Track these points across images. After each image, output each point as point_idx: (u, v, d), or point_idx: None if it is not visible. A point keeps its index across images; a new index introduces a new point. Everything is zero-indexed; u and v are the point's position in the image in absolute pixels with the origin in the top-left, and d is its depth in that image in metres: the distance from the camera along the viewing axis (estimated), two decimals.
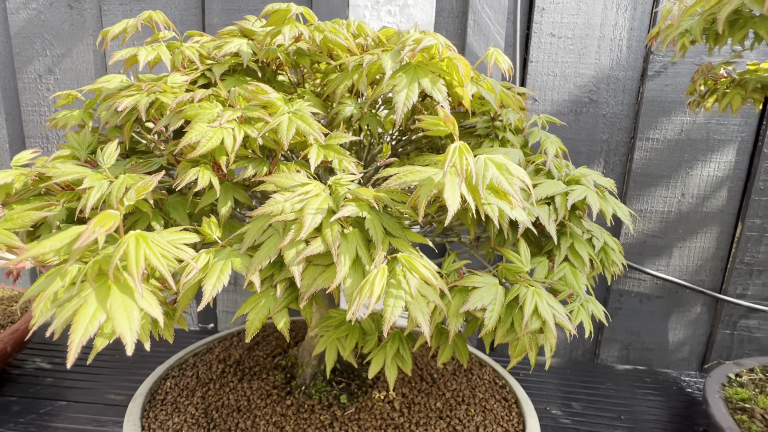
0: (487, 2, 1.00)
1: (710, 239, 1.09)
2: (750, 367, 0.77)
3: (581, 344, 1.19)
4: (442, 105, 0.40)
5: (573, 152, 1.08)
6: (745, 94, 0.58)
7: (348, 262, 0.32)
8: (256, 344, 0.73)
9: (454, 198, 0.31)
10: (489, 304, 0.37)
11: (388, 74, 0.42)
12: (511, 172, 0.34)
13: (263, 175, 0.43)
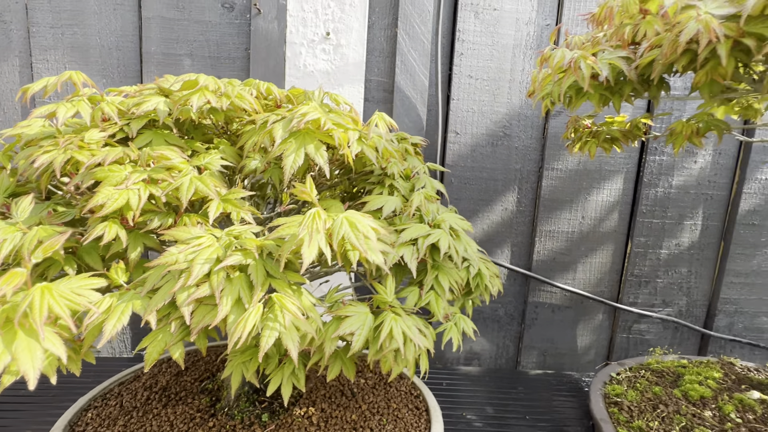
0: (412, 46, 1.12)
1: (607, 255, 1.26)
2: (629, 366, 0.90)
3: (504, 353, 1.31)
4: (323, 167, 0.47)
5: (491, 180, 1.21)
6: (598, 143, 0.72)
7: (230, 302, 0.39)
8: (185, 369, 0.75)
9: (310, 252, 0.39)
10: (357, 330, 0.44)
11: (277, 142, 0.48)
12: (359, 228, 0.41)
13: (168, 226, 0.48)
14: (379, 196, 0.51)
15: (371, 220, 0.42)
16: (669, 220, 1.24)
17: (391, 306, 0.46)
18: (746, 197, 1.22)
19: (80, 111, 0.54)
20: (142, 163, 0.48)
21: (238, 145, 0.54)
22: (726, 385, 0.79)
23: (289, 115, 0.48)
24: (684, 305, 1.29)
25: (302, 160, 0.46)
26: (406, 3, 1.10)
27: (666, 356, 0.96)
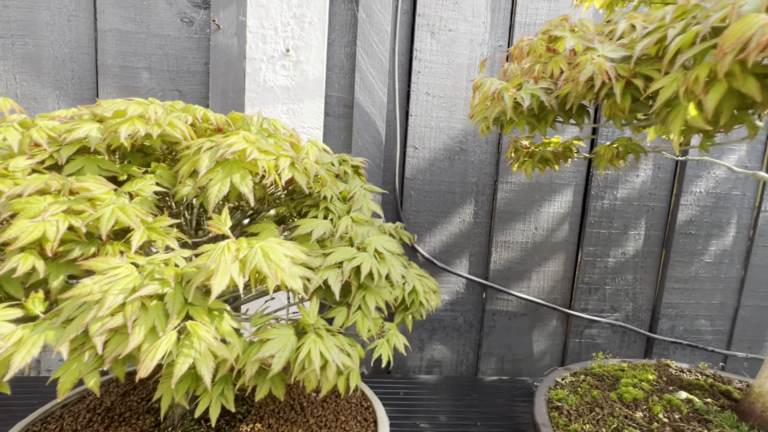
0: (371, 63, 1.15)
1: (559, 264, 1.32)
2: (574, 371, 0.95)
3: (465, 360, 1.34)
4: (247, 196, 0.48)
5: (449, 192, 1.25)
6: (533, 163, 0.77)
7: (143, 331, 0.40)
8: (133, 389, 0.74)
9: (219, 283, 0.41)
10: (278, 352, 0.46)
11: (202, 172, 0.49)
12: (271, 258, 0.43)
13: (90, 255, 0.48)
14: (311, 220, 0.53)
15: (288, 248, 0.44)
16: (615, 230, 1.31)
17: (314, 327, 0.48)
18: (683, 208, 1.31)
19: (7, 137, 0.53)
20: (65, 193, 0.48)
21: (174, 170, 0.55)
22: (658, 387, 0.85)
23: (216, 144, 0.49)
24: (631, 310, 1.37)
25: (227, 189, 0.48)
26: (364, 22, 1.13)
27: (609, 360, 1.02)
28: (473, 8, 1.18)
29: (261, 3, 1.08)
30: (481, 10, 1.19)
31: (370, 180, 1.19)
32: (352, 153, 1.18)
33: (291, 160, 0.51)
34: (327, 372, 0.45)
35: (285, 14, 1.09)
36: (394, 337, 0.54)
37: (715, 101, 0.37)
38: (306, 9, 1.09)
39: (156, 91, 1.13)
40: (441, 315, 1.30)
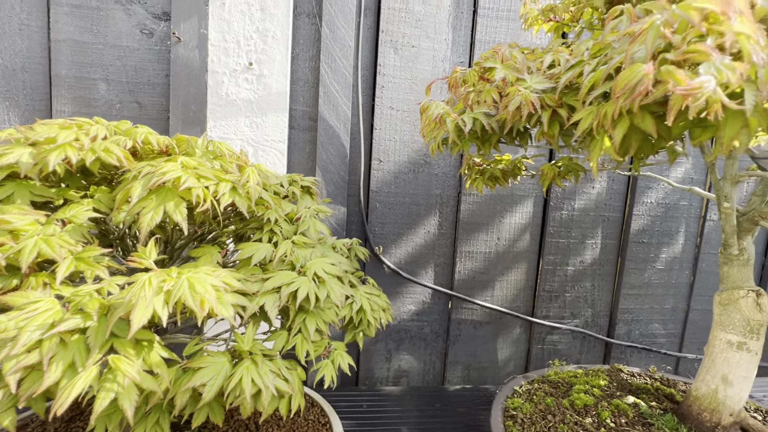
0: (334, 78, 1.16)
1: (521, 273, 1.36)
2: (532, 379, 0.99)
3: (432, 369, 1.36)
4: (180, 225, 0.48)
5: (414, 204, 1.27)
6: (483, 180, 0.80)
7: (61, 367, 0.40)
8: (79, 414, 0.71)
9: (140, 317, 0.41)
10: (210, 380, 0.46)
11: (134, 201, 0.49)
12: (196, 290, 0.43)
13: (12, 288, 0.47)
14: (253, 244, 0.53)
15: (220, 276, 0.44)
16: (573, 240, 1.37)
17: (251, 353, 0.48)
18: (636, 218, 1.38)
19: None
20: None
21: (112, 195, 0.54)
22: (609, 392, 0.89)
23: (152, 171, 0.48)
24: (590, 316, 1.42)
25: (160, 217, 0.47)
26: (327, 38, 1.15)
27: (565, 367, 1.06)
28: (435, 26, 1.22)
29: (223, 17, 1.08)
30: (443, 28, 1.22)
31: (335, 192, 1.20)
32: (316, 166, 1.18)
33: (232, 185, 0.51)
34: (261, 398, 0.45)
35: (248, 28, 1.09)
36: (339, 357, 0.54)
37: (621, 135, 0.40)
38: (269, 24, 1.10)
39: (114, 103, 1.11)
40: (408, 325, 1.32)
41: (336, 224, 1.21)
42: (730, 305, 0.75)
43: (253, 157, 1.13)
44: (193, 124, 1.11)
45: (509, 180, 0.83)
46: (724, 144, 0.37)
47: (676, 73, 0.34)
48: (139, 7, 1.09)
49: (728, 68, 0.33)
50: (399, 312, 1.31)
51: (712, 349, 0.77)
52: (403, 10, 1.20)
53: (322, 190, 1.19)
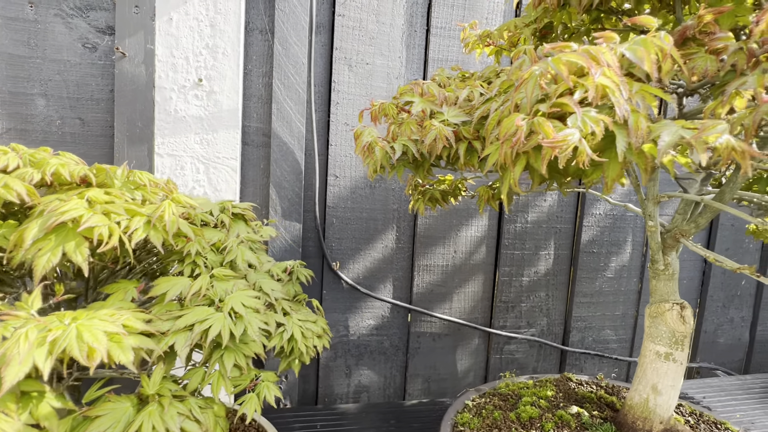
0: (288, 95, 1.16)
1: (479, 285, 1.38)
2: (483, 392, 1.00)
3: (392, 383, 1.36)
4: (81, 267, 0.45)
5: (371, 219, 1.28)
6: (424, 200, 0.82)
7: None
8: None
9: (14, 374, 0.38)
10: (109, 428, 0.44)
11: (28, 243, 0.46)
12: (84, 339, 0.41)
13: None
14: (170, 278, 0.52)
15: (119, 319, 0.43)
16: (527, 251, 1.41)
17: (159, 395, 0.47)
18: (586, 229, 1.43)
19: None
20: None
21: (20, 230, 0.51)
22: (555, 403, 0.91)
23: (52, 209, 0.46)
24: (545, 325, 1.46)
25: (59, 258, 0.45)
26: (280, 54, 1.14)
27: (517, 378, 1.08)
28: (389, 44, 1.24)
29: (171, 32, 1.06)
30: (397, 46, 1.24)
31: (289, 209, 1.19)
32: (270, 182, 1.17)
33: (146, 219, 0.49)
34: None
35: (197, 44, 1.08)
36: (266, 389, 0.54)
37: (519, 172, 0.42)
38: (219, 40, 1.09)
39: (54, 119, 1.06)
40: (367, 340, 1.32)
41: (291, 241, 1.20)
42: (657, 317, 0.79)
43: (204, 175, 1.11)
44: (140, 141, 1.07)
45: (449, 200, 0.85)
46: (608, 184, 0.40)
47: (544, 125, 0.36)
48: (81, 21, 1.05)
49: (593, 121, 0.36)
50: (358, 327, 1.31)
51: (643, 359, 0.81)
52: (356, 27, 1.21)
53: (276, 207, 1.18)
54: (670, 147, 0.35)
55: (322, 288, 1.27)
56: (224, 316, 0.48)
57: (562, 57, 0.37)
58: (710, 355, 1.63)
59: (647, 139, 0.37)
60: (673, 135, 0.35)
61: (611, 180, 0.39)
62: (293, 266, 0.74)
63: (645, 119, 0.37)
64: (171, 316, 0.48)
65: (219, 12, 1.08)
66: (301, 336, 0.57)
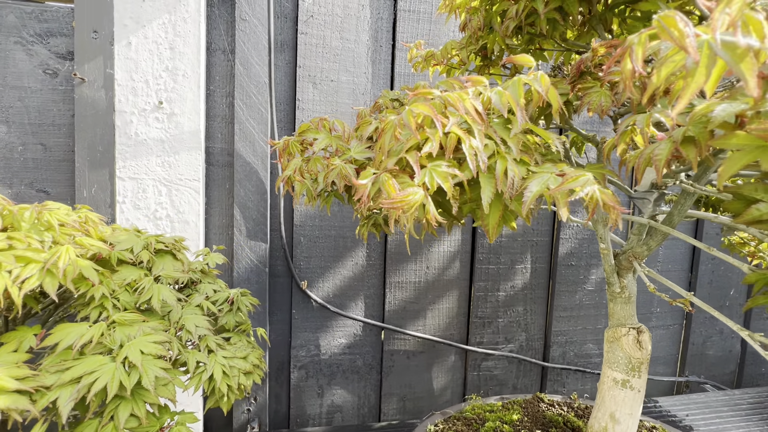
0: (250, 114, 1.15)
1: (453, 300, 1.36)
2: (449, 415, 0.98)
3: (366, 402, 1.34)
4: None
5: (340, 237, 1.26)
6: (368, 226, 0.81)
7: None
8: None
9: None
10: None
11: None
12: None
13: None
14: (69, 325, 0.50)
15: None
16: (503, 265, 1.38)
17: None
18: (563, 242, 1.40)
19: None
20: None
21: None
22: (518, 428, 0.89)
23: None
24: (524, 340, 1.43)
25: None
26: (241, 74, 1.14)
27: (488, 399, 1.06)
28: (354, 60, 1.23)
29: (130, 56, 1.06)
30: (362, 61, 1.23)
31: (254, 229, 1.18)
32: (234, 203, 1.16)
33: (42, 265, 0.48)
34: None
35: (156, 67, 1.08)
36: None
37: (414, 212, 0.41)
38: (179, 62, 1.08)
39: (16, 146, 1.07)
40: (339, 359, 1.30)
41: (257, 261, 1.19)
42: (614, 343, 0.77)
43: (167, 197, 1.11)
44: (101, 166, 1.07)
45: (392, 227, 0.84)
46: (489, 232, 0.38)
47: (387, 183, 0.35)
48: (42, 48, 1.06)
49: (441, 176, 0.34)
50: (330, 346, 1.29)
51: (602, 386, 0.78)
52: (320, 45, 1.20)
53: (241, 227, 1.17)
54: (536, 198, 0.33)
55: (291, 307, 1.25)
56: (115, 367, 0.47)
57: (413, 108, 0.35)
58: (699, 368, 1.58)
59: (521, 187, 0.35)
60: (542, 185, 0.34)
61: (492, 227, 0.37)
62: (235, 296, 0.73)
63: (517, 166, 0.35)
64: (60, 368, 0.47)
65: (178, 35, 1.08)
66: (221, 375, 0.56)
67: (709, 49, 0.24)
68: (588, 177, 0.33)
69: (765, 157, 0.27)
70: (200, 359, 0.56)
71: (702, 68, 0.24)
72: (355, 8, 1.22)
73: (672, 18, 0.25)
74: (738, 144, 0.28)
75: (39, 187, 1.09)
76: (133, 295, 0.56)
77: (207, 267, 0.80)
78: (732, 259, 0.62)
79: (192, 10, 1.08)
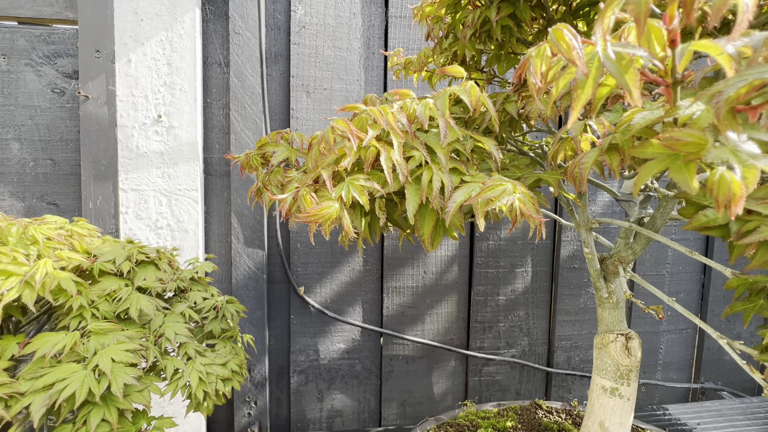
0: (245, 125, 1.19)
1: (452, 305, 1.35)
2: (442, 422, 0.97)
3: (367, 407, 1.35)
4: None
5: (337, 243, 1.28)
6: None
7: None
8: None
9: None
10: None
11: None
12: None
13: None
14: (45, 335, 0.52)
15: None
16: (503, 269, 1.36)
17: None
18: (565, 244, 1.37)
19: None
20: None
21: None
22: None
23: None
24: (527, 345, 1.40)
25: None
26: (236, 86, 1.17)
27: (484, 405, 1.04)
28: (346, 68, 1.24)
29: (130, 73, 1.11)
30: (355, 69, 1.25)
31: (251, 237, 1.21)
32: (231, 211, 1.20)
33: (21, 278, 0.51)
34: None
35: (155, 82, 1.12)
36: None
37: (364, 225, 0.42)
38: (176, 77, 1.13)
39: (27, 161, 1.13)
40: (338, 363, 1.31)
41: (255, 268, 1.21)
42: (603, 349, 0.75)
43: (167, 207, 1.15)
44: (105, 178, 1.13)
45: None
46: (425, 242, 0.38)
47: (305, 198, 0.35)
48: (50, 68, 1.12)
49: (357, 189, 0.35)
50: (329, 350, 1.30)
51: (592, 394, 0.76)
52: (312, 55, 1.22)
53: (238, 235, 1.20)
54: (457, 208, 0.33)
55: (290, 313, 1.28)
56: (86, 374, 0.49)
57: (333, 125, 0.36)
58: (716, 374, 1.52)
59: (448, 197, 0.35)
60: (466, 195, 0.34)
61: (427, 237, 0.37)
62: (221, 303, 0.75)
63: (447, 175, 0.35)
64: (35, 375, 0.49)
65: (175, 50, 1.12)
66: (197, 382, 0.58)
67: (599, 61, 0.24)
68: (506, 187, 0.33)
69: (674, 166, 0.26)
70: (178, 366, 0.58)
71: (590, 80, 0.24)
72: (346, 17, 1.23)
73: (560, 31, 0.25)
74: (653, 153, 0.28)
75: (49, 200, 1.15)
76: (113, 304, 0.59)
77: (197, 275, 0.83)
78: (713, 263, 0.60)
79: (188, 26, 1.12)
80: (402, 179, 0.35)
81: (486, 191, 0.33)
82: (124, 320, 0.61)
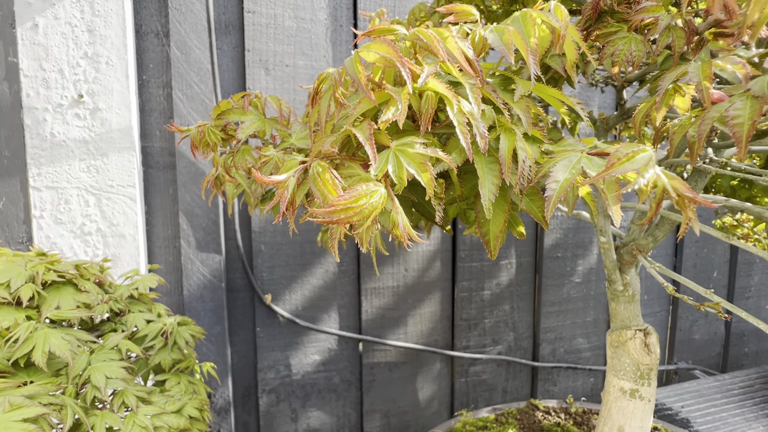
0: (192, 107, 1.00)
1: (436, 304, 1.25)
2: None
3: (347, 423, 1.21)
4: None
5: (307, 242, 1.12)
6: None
7: None
8: None
9: None
10: None
11: None
12: None
13: None
14: None
15: None
16: (486, 262, 1.28)
17: None
18: (548, 233, 1.32)
19: None
20: None
21: None
22: None
23: None
24: (512, 340, 1.34)
25: None
26: (179, 60, 0.98)
27: (478, 411, 0.95)
28: (311, 42, 1.09)
29: (38, 41, 0.88)
30: (321, 43, 1.09)
31: (205, 239, 1.03)
32: (179, 210, 1.00)
33: None
34: None
35: (73, 54, 0.90)
36: None
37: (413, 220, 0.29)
38: (100, 47, 0.91)
39: None
40: (314, 377, 1.16)
41: (211, 276, 1.03)
42: (619, 347, 0.67)
43: (96, 208, 0.94)
44: (9, 174, 0.89)
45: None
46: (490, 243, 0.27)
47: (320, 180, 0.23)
48: None
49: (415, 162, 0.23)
50: (302, 364, 1.15)
51: (607, 397, 0.69)
52: (271, 25, 1.05)
53: (189, 238, 1.01)
54: (563, 192, 0.22)
55: (255, 325, 1.11)
56: None
57: (362, 52, 0.23)
58: (687, 353, 1.55)
59: (536, 176, 0.24)
60: (572, 171, 0.22)
61: (494, 237, 0.26)
62: (171, 327, 0.58)
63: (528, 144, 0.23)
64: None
65: (97, 14, 0.91)
66: None
67: None
68: (647, 154, 0.22)
69: None
70: (112, 424, 0.42)
71: None
72: None
73: None
74: None
75: None
76: (5, 348, 0.41)
77: (137, 291, 0.65)
78: (756, 249, 0.53)
79: None
80: (482, 145, 0.22)
81: (621, 163, 0.22)
82: (26, 368, 0.43)
